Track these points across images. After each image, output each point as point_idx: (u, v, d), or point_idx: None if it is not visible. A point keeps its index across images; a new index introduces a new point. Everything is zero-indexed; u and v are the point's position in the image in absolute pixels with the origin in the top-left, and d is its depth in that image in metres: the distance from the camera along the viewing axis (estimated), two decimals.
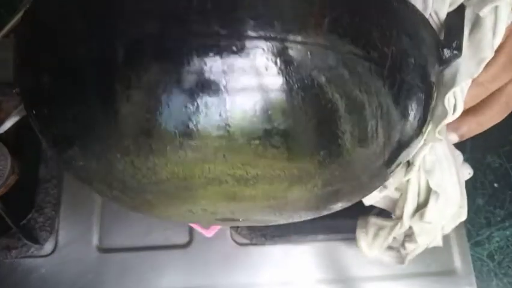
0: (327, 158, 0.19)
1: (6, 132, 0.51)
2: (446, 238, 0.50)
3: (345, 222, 0.50)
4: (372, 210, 0.39)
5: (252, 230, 0.49)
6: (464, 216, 0.33)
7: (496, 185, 0.84)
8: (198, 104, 0.17)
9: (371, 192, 0.27)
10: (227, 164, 0.18)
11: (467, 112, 0.27)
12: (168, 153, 0.18)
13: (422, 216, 0.32)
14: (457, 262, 0.50)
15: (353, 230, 0.50)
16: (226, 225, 0.28)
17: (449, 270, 0.49)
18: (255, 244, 0.49)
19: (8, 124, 0.51)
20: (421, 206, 0.32)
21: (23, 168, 0.51)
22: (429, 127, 0.26)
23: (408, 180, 0.31)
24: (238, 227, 0.48)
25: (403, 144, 0.22)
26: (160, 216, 0.25)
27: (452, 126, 0.28)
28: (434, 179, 0.30)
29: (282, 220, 0.26)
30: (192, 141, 0.18)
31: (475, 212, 0.81)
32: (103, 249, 0.48)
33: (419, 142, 0.25)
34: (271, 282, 0.48)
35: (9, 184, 0.49)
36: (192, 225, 0.43)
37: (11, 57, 0.22)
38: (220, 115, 0.17)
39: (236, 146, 0.18)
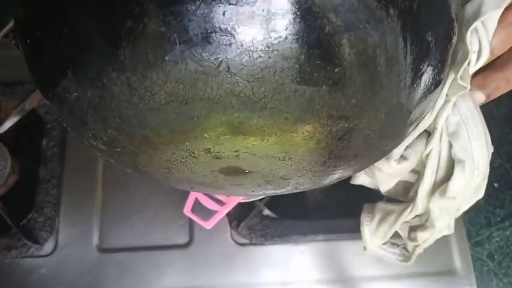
0: (342, 79, 0.17)
1: (6, 132, 0.51)
2: (445, 238, 0.50)
3: (345, 222, 0.50)
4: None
5: (252, 230, 0.49)
6: (482, 193, 0.30)
7: (496, 184, 0.83)
8: (197, 4, 0.15)
9: (388, 147, 0.24)
10: (231, 79, 0.17)
11: (493, 67, 0.25)
12: (167, 65, 0.16)
13: (444, 192, 0.29)
14: (457, 262, 0.50)
15: (353, 230, 0.50)
16: (229, 189, 0.25)
17: (449, 270, 0.49)
18: (255, 244, 0.49)
19: (8, 124, 0.51)
20: (439, 184, 0.30)
21: (23, 169, 0.51)
22: (451, 77, 0.23)
23: (428, 155, 0.29)
24: (238, 225, 0.48)
25: (422, 84, 0.20)
26: (160, 169, 0.23)
27: (478, 84, 0.25)
28: (460, 142, 0.27)
29: (289, 174, 0.23)
30: (192, 49, 0.16)
31: (474, 211, 0.81)
32: (103, 249, 0.48)
33: (440, 91, 0.23)
34: (271, 282, 0.48)
35: (9, 184, 0.49)
36: (191, 216, 0.42)
37: (11, 57, 0.22)
38: (223, 15, 0.15)
39: (241, 56, 0.16)
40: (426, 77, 0.20)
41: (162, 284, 0.47)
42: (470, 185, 0.29)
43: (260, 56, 0.16)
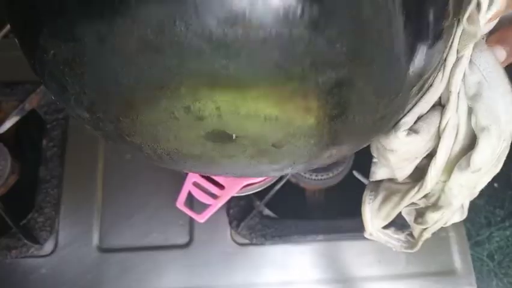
0: (322, 17, 0.16)
1: (6, 132, 0.51)
2: (445, 238, 0.50)
3: (345, 222, 0.50)
4: None
5: (252, 230, 0.49)
6: (500, 165, 0.27)
7: (496, 185, 0.84)
8: None
9: (389, 109, 0.22)
10: (199, 19, 0.15)
11: None
12: (133, 5, 0.16)
13: (466, 166, 0.26)
14: (457, 262, 0.50)
15: (353, 230, 0.50)
16: (222, 164, 0.24)
17: (449, 270, 0.49)
18: (255, 244, 0.49)
19: (8, 124, 0.51)
20: (454, 160, 0.27)
21: (23, 169, 0.52)
22: (460, 29, 0.21)
23: (443, 130, 0.26)
24: (238, 225, 0.48)
25: (417, 30, 0.18)
26: (146, 138, 0.22)
27: (497, 39, 0.23)
28: (483, 103, 0.24)
29: (281, 141, 0.21)
30: None
31: (475, 212, 0.81)
32: (103, 249, 0.48)
33: (444, 45, 0.21)
34: (271, 282, 0.48)
35: (9, 184, 0.49)
36: (184, 209, 0.42)
37: (11, 57, 0.22)
38: None
39: None
40: (421, 22, 0.18)
41: (162, 284, 0.47)
42: (495, 153, 0.25)
43: None
